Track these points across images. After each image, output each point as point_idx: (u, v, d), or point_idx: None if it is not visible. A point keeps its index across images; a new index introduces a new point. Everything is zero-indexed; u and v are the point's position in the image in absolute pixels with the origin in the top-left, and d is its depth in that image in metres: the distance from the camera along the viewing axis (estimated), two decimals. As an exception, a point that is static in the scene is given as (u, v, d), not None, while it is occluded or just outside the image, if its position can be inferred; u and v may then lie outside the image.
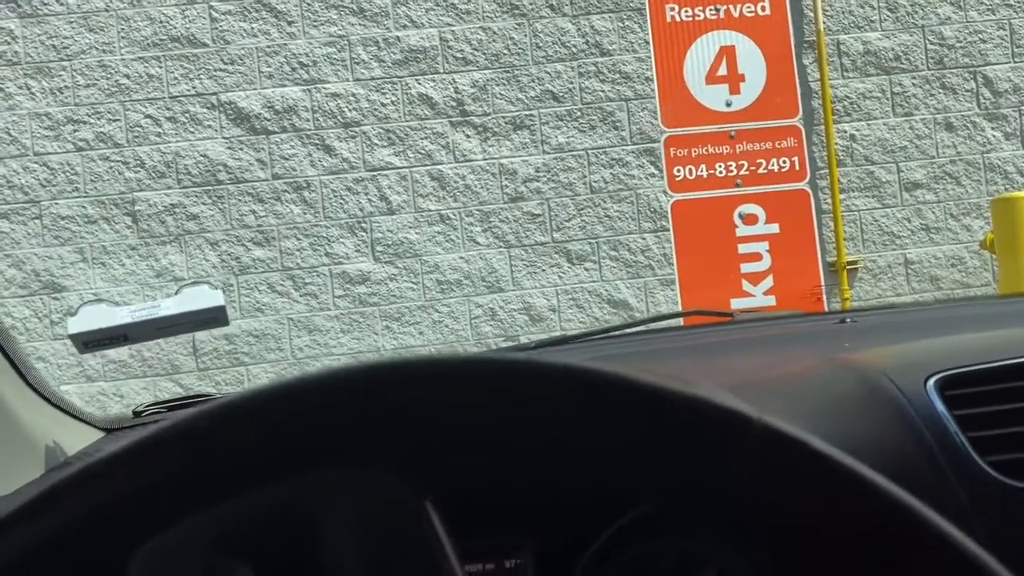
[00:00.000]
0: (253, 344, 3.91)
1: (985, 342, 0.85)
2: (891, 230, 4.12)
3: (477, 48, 4.03)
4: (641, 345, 1.15)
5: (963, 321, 1.11)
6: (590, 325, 4.03)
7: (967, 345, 0.83)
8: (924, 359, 0.77)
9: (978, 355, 0.75)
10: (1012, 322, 1.03)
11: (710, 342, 1.13)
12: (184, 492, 0.40)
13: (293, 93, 3.97)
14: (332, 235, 3.97)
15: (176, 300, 0.96)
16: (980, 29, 4.16)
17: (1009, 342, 0.83)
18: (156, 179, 3.92)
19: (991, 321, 1.07)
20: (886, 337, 1.02)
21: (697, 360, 1.00)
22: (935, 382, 0.70)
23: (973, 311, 1.25)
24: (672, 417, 0.39)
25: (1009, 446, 0.67)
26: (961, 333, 0.94)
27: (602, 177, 4.05)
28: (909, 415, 0.68)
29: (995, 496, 0.65)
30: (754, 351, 1.03)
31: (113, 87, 3.93)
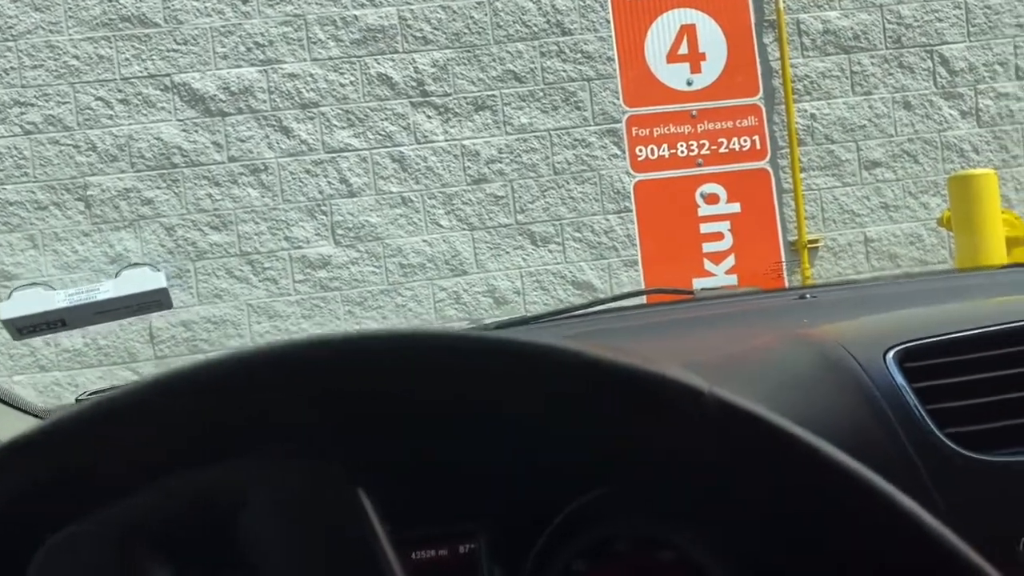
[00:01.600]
0: (212, 331, 3.85)
1: (944, 314, 0.84)
2: (851, 208, 4.15)
3: (437, 27, 3.98)
4: (602, 324, 1.14)
5: (921, 295, 1.11)
6: (555, 307, 4.03)
7: (926, 317, 0.83)
8: (883, 332, 0.76)
9: (937, 327, 0.74)
10: (969, 294, 1.03)
11: (671, 319, 1.12)
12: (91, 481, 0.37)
13: (249, 74, 3.89)
14: (291, 219, 3.90)
15: (115, 283, 0.91)
16: (937, 8, 4.19)
17: (967, 313, 0.83)
18: (109, 163, 3.82)
19: (949, 294, 1.07)
20: (845, 312, 1.01)
21: (657, 338, 0.99)
22: (894, 354, 0.70)
23: (931, 285, 1.25)
24: (619, 391, 0.37)
25: (968, 418, 0.67)
26: (920, 306, 0.94)
27: (565, 158, 4.03)
28: (868, 388, 0.67)
29: (955, 468, 0.65)
30: (714, 328, 1.02)
31: (62, 68, 3.81)
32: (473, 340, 0.38)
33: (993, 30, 4.21)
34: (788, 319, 1.03)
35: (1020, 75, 4.23)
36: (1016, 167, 4.23)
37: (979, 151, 4.21)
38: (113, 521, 0.39)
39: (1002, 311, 0.80)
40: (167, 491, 0.39)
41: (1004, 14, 4.22)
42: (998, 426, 0.66)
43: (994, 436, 0.66)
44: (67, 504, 0.38)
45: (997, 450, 0.66)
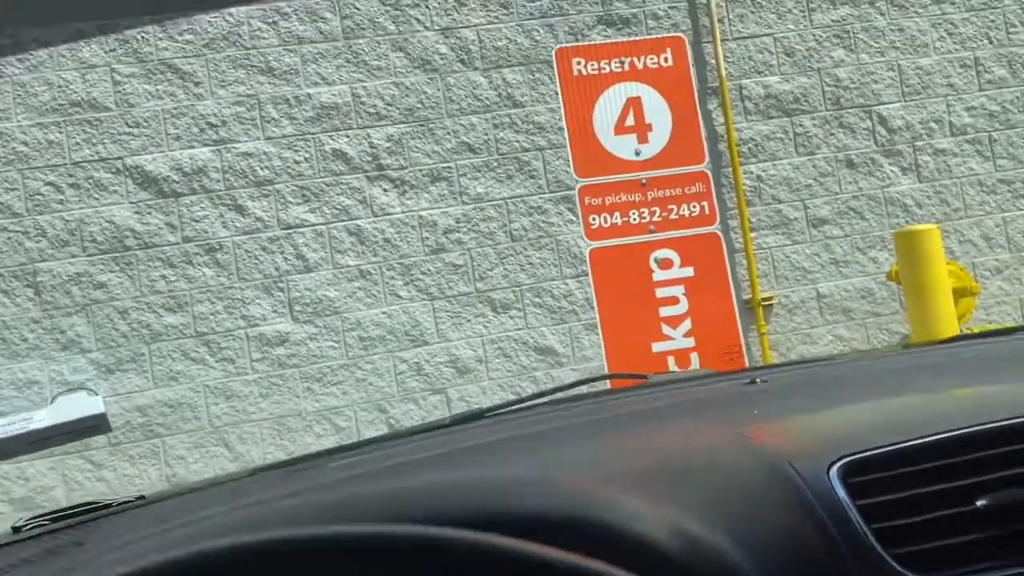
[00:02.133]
0: (168, 414, 3.77)
1: (891, 415, 0.85)
2: (802, 265, 4.24)
3: (390, 103, 4.03)
4: (551, 421, 1.13)
5: (873, 381, 1.12)
6: (518, 374, 4.02)
7: (872, 420, 0.83)
8: (828, 440, 0.76)
9: (882, 433, 0.74)
10: (920, 382, 1.04)
11: (620, 414, 1.12)
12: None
13: (202, 154, 3.89)
14: (247, 296, 3.87)
15: (51, 410, 0.90)
16: (872, 71, 4.36)
17: (914, 414, 0.83)
18: (59, 248, 3.77)
19: (901, 380, 1.08)
20: (795, 402, 1.02)
21: (603, 438, 0.99)
22: (838, 469, 0.69)
23: (883, 366, 1.27)
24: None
25: (915, 536, 0.65)
26: (870, 399, 0.95)
27: (522, 225, 4.07)
28: (812, 506, 0.66)
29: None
30: (663, 424, 1.02)
31: (10, 155, 3.78)
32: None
33: (926, 90, 4.39)
34: (738, 411, 1.04)
35: (955, 132, 4.39)
36: (958, 220, 4.37)
37: (921, 205, 4.35)
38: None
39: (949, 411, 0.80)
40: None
41: (935, 74, 4.40)
42: (947, 544, 0.65)
43: (943, 554, 0.65)
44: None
45: (946, 570, 0.64)
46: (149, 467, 3.72)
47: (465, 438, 1.10)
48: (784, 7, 4.31)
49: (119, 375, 3.75)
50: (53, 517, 1.00)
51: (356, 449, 1.22)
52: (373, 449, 1.17)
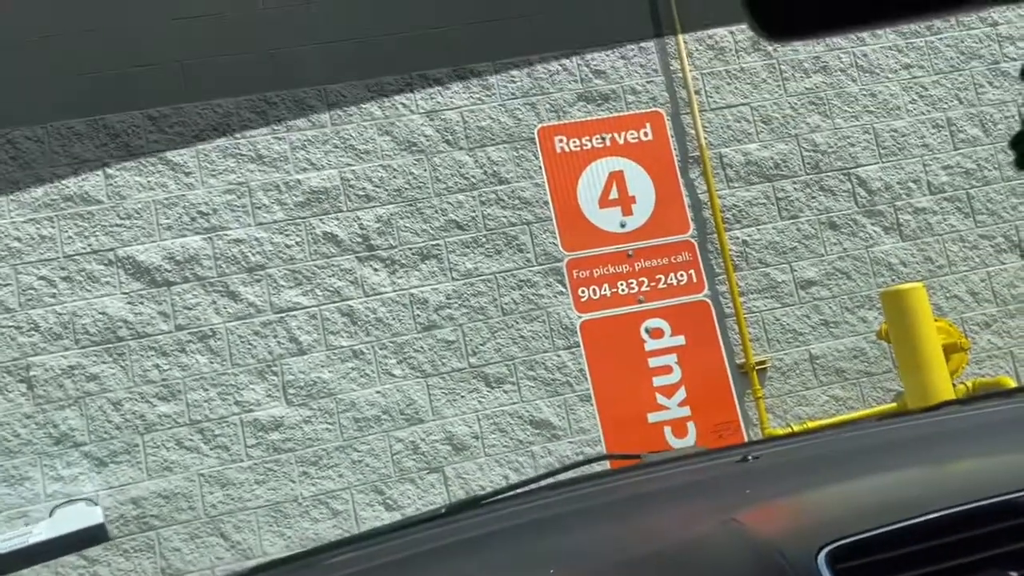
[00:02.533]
0: (163, 505, 3.72)
1: (879, 495, 0.85)
2: (793, 327, 4.27)
3: (379, 185, 4.10)
4: (546, 509, 1.14)
5: (863, 456, 1.13)
6: (515, 448, 3.99)
7: (861, 500, 0.84)
8: (817, 524, 0.77)
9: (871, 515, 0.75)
10: (910, 457, 1.05)
11: (614, 500, 1.13)
12: None
13: (194, 242, 3.93)
14: (241, 382, 3.86)
15: (49, 523, 0.90)
16: (848, 135, 4.47)
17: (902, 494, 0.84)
18: (52, 341, 3.77)
19: (891, 455, 1.09)
20: (785, 482, 1.03)
21: (596, 527, 0.99)
22: (826, 556, 0.69)
23: (873, 440, 1.28)
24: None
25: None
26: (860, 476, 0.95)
27: (512, 299, 4.10)
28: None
29: None
30: (656, 509, 1.03)
31: (3, 251, 3.81)
32: None
33: (902, 151, 4.49)
34: (729, 492, 1.04)
35: (933, 190, 4.48)
36: (943, 276, 4.42)
37: (906, 264, 4.40)
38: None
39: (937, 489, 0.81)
40: None
41: (910, 136, 4.51)
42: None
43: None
44: None
45: None
46: (144, 560, 3.66)
47: (459, 531, 1.11)
48: (759, 77, 4.44)
49: (113, 467, 3.71)
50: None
51: (353, 544, 1.22)
52: (371, 544, 1.17)
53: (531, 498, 1.26)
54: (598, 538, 0.95)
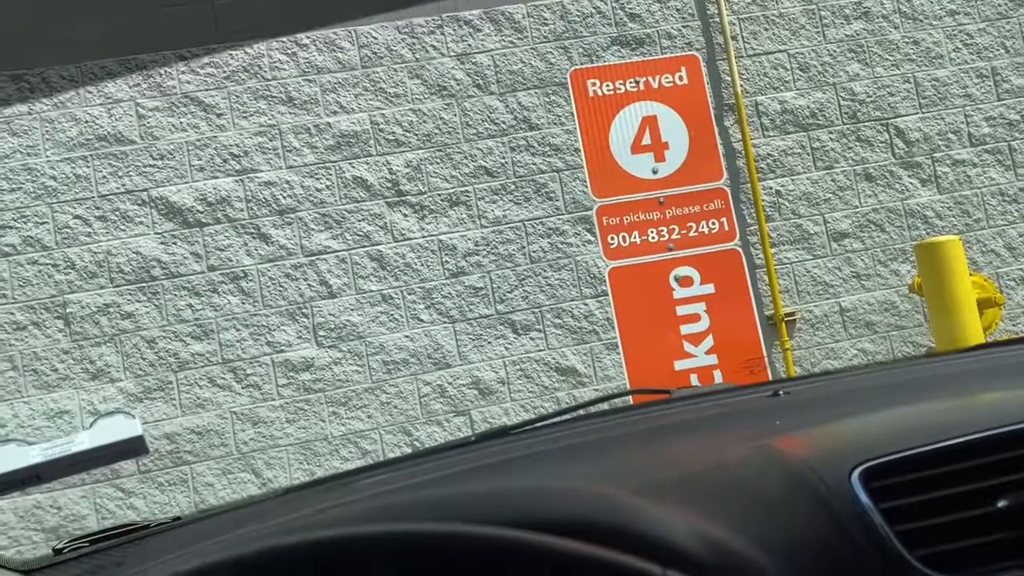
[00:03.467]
0: (196, 442, 3.81)
1: (911, 421, 0.85)
2: (823, 280, 4.23)
3: (408, 129, 4.09)
4: (576, 436, 1.15)
5: (894, 390, 1.12)
6: (540, 394, 4.02)
7: (893, 426, 0.84)
8: (849, 446, 0.77)
9: (903, 438, 0.75)
10: (940, 390, 1.04)
11: (645, 428, 1.13)
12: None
13: (226, 184, 3.96)
14: (272, 323, 3.91)
15: (90, 434, 0.92)
16: (887, 84, 4.36)
17: (933, 420, 0.83)
18: (88, 279, 3.84)
19: (921, 389, 1.08)
20: (817, 413, 1.03)
21: (631, 452, 1.00)
22: (860, 474, 0.69)
23: (904, 377, 1.27)
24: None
25: (938, 538, 0.65)
26: (891, 407, 0.95)
27: (540, 247, 4.09)
28: (835, 511, 0.67)
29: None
30: (687, 437, 1.03)
31: (39, 189, 3.87)
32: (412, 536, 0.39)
33: (943, 101, 4.38)
34: (760, 423, 1.04)
35: (974, 142, 4.38)
36: (980, 230, 4.34)
37: (942, 217, 4.32)
38: None
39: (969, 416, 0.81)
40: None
41: (952, 85, 4.40)
42: (969, 545, 0.65)
43: (965, 556, 0.65)
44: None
45: (968, 570, 0.64)
46: (178, 494, 3.76)
47: (490, 455, 1.12)
48: (797, 23, 4.33)
49: (147, 403, 3.80)
50: (92, 539, 1.03)
51: (383, 468, 1.24)
52: (399, 468, 1.19)
53: (559, 428, 1.28)
54: (627, 462, 0.96)
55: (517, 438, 1.26)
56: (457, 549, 0.37)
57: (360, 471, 1.23)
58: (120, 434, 0.93)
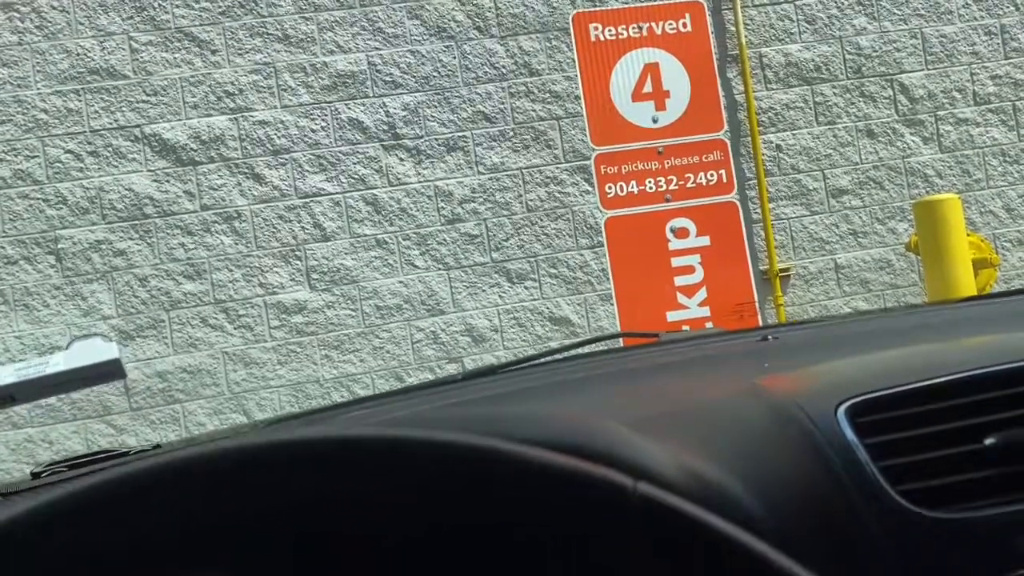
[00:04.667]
0: (187, 380, 3.81)
1: (899, 361, 0.85)
2: (820, 236, 4.21)
3: (406, 71, 4.02)
4: (565, 373, 1.14)
5: (884, 335, 1.12)
6: (533, 343, 4.03)
7: (880, 366, 0.83)
8: (836, 384, 0.76)
9: (891, 377, 0.74)
10: (930, 335, 1.04)
11: (632, 367, 1.13)
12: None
13: (219, 122, 3.90)
14: (265, 265, 3.90)
15: (66, 355, 0.91)
16: (894, 39, 4.30)
17: (922, 361, 0.83)
18: (80, 215, 3.80)
19: (912, 334, 1.08)
20: (805, 355, 1.02)
21: (618, 389, 1.00)
22: (846, 409, 0.69)
23: (895, 324, 1.26)
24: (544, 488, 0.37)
25: (921, 474, 0.65)
26: (880, 350, 0.95)
27: (537, 196, 4.06)
28: (819, 445, 0.67)
29: (909, 526, 0.63)
30: (673, 376, 1.03)
31: (30, 122, 3.81)
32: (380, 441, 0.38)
33: (950, 58, 4.32)
34: (749, 365, 1.04)
35: (978, 100, 4.33)
36: (979, 191, 4.32)
37: (942, 176, 4.29)
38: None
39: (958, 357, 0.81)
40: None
41: (959, 42, 4.33)
42: (952, 481, 0.65)
43: (949, 492, 0.65)
44: None
45: (952, 506, 0.65)
46: (170, 432, 3.78)
47: (478, 390, 1.12)
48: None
49: (139, 341, 3.80)
50: (70, 464, 1.02)
51: (368, 402, 1.24)
52: (387, 403, 1.18)
53: (547, 368, 1.27)
54: (615, 398, 0.95)
55: (505, 376, 1.26)
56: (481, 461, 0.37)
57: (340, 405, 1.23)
58: (96, 356, 0.92)
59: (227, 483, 0.39)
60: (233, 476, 0.39)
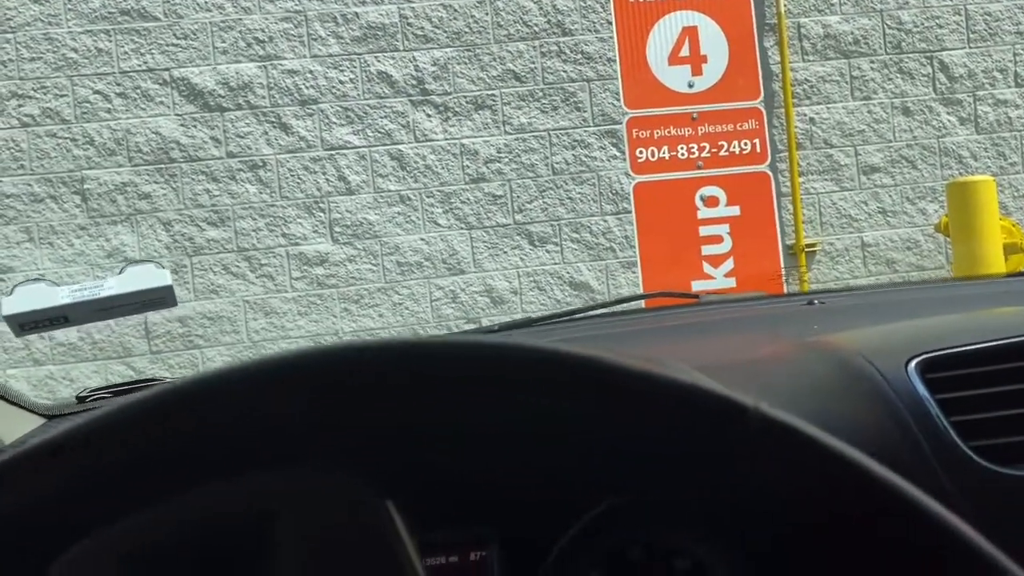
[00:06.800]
0: (208, 326, 3.83)
1: (962, 323, 0.83)
2: (849, 213, 4.16)
3: (438, 25, 3.97)
4: (607, 328, 1.13)
5: (930, 303, 1.10)
6: (552, 308, 4.02)
7: (945, 326, 0.82)
8: (903, 341, 0.75)
9: (958, 337, 0.73)
10: (979, 304, 1.02)
11: (677, 324, 1.11)
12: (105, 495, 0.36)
13: (248, 70, 3.87)
14: (289, 215, 3.89)
15: (119, 279, 0.90)
16: (937, 15, 4.20)
17: (986, 323, 0.81)
18: (106, 156, 3.80)
19: (959, 304, 1.06)
20: (856, 319, 1.01)
21: (666, 343, 0.98)
22: (916, 364, 0.68)
23: (938, 294, 1.24)
24: (660, 406, 0.36)
25: (992, 431, 0.65)
26: (931, 316, 0.93)
27: (564, 159, 4.02)
28: (891, 398, 0.66)
29: (979, 481, 0.63)
30: (723, 333, 1.01)
31: (60, 61, 3.79)
32: (519, 351, 0.37)
33: (993, 37, 4.22)
34: (798, 325, 1.02)
35: (1019, 82, 4.24)
36: (1014, 174, 4.24)
37: (977, 158, 4.22)
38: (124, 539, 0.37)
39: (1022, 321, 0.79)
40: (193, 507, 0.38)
41: (1004, 21, 4.23)
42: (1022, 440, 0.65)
43: (1020, 450, 0.65)
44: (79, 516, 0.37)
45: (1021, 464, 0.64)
46: (188, 377, 3.80)
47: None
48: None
49: (161, 285, 3.81)
50: (115, 391, 1.02)
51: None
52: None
53: (585, 323, 1.25)
54: (669, 349, 0.94)
55: (540, 329, 1.24)
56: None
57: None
58: (149, 283, 0.91)
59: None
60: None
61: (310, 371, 0.36)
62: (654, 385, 0.35)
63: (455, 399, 0.40)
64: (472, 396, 0.40)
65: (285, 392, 0.36)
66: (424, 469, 0.49)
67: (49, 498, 0.35)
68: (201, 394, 0.36)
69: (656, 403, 0.36)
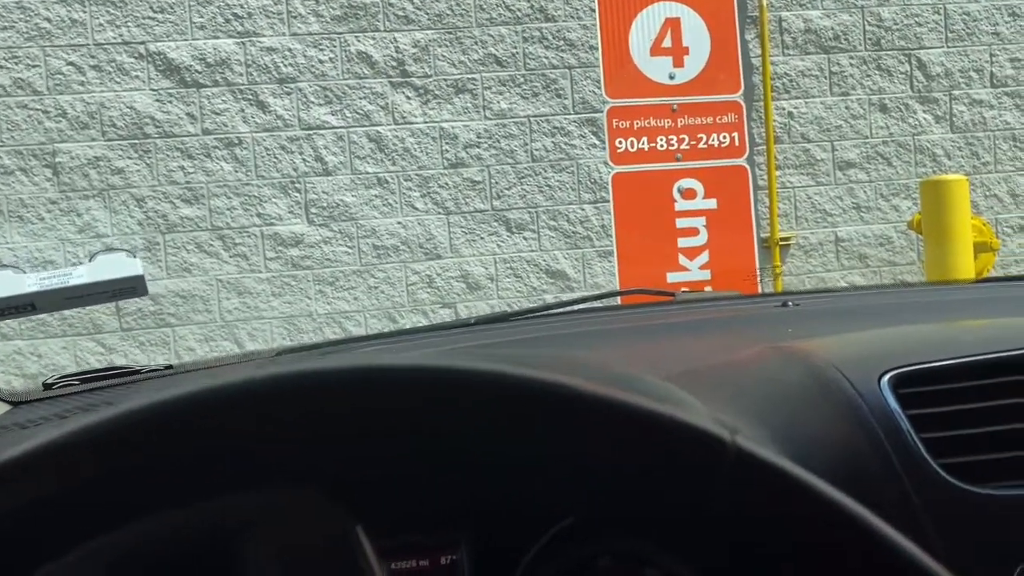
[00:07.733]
0: (180, 305, 3.79)
1: (936, 334, 0.84)
2: (824, 208, 4.19)
3: (420, 7, 3.93)
4: (582, 325, 1.13)
5: (904, 309, 1.11)
6: (527, 295, 4.02)
7: (920, 337, 0.82)
8: (877, 353, 0.75)
9: (931, 351, 0.73)
10: (957, 311, 1.03)
11: (653, 324, 1.12)
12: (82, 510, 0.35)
13: (226, 45, 3.81)
14: (264, 195, 3.85)
15: (89, 268, 0.89)
16: (916, 12, 4.23)
17: (961, 335, 0.82)
18: (79, 130, 3.73)
19: (933, 310, 1.07)
20: (829, 325, 1.01)
21: (641, 344, 0.98)
22: (889, 379, 0.68)
23: (911, 299, 1.26)
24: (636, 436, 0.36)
25: (963, 449, 0.65)
26: (906, 324, 0.94)
27: (543, 146, 4.01)
28: (862, 412, 0.66)
29: (948, 499, 0.63)
30: (697, 335, 1.02)
31: (32, 31, 3.71)
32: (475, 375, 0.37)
33: (971, 36, 4.26)
34: (771, 328, 1.03)
35: (995, 83, 4.29)
36: (986, 173, 4.30)
37: (951, 156, 4.27)
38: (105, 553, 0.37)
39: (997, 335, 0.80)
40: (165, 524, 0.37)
41: (982, 21, 4.27)
42: (994, 458, 0.65)
43: (989, 468, 0.65)
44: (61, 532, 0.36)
45: (992, 483, 0.65)
46: (159, 356, 3.77)
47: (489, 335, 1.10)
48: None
49: (133, 263, 3.76)
50: (82, 378, 1.01)
51: (378, 339, 1.22)
52: (401, 339, 1.17)
53: (560, 319, 1.25)
54: (637, 351, 0.94)
55: (516, 324, 1.24)
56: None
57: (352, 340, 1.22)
58: (120, 272, 0.90)
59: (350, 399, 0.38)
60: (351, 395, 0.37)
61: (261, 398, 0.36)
62: (630, 414, 0.36)
63: (415, 418, 0.40)
64: (433, 416, 0.40)
65: (236, 417, 0.36)
66: (392, 476, 0.49)
67: (14, 513, 0.35)
68: (153, 420, 0.35)
69: (631, 432, 0.36)
